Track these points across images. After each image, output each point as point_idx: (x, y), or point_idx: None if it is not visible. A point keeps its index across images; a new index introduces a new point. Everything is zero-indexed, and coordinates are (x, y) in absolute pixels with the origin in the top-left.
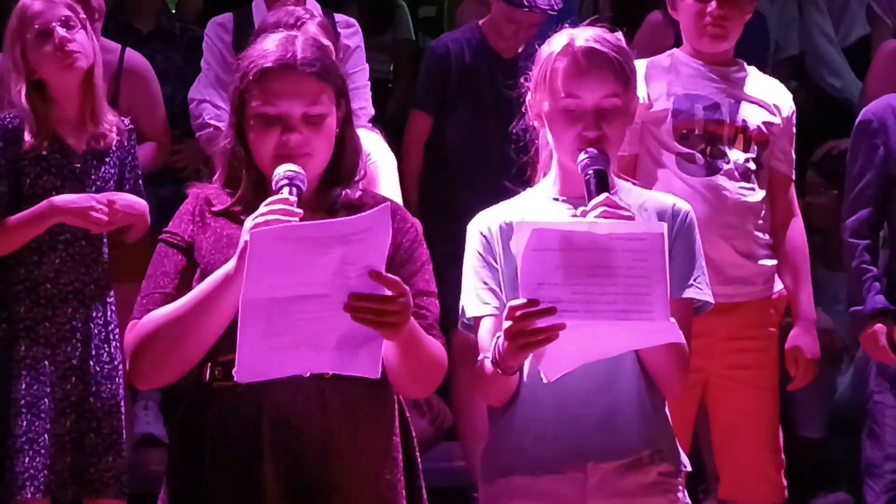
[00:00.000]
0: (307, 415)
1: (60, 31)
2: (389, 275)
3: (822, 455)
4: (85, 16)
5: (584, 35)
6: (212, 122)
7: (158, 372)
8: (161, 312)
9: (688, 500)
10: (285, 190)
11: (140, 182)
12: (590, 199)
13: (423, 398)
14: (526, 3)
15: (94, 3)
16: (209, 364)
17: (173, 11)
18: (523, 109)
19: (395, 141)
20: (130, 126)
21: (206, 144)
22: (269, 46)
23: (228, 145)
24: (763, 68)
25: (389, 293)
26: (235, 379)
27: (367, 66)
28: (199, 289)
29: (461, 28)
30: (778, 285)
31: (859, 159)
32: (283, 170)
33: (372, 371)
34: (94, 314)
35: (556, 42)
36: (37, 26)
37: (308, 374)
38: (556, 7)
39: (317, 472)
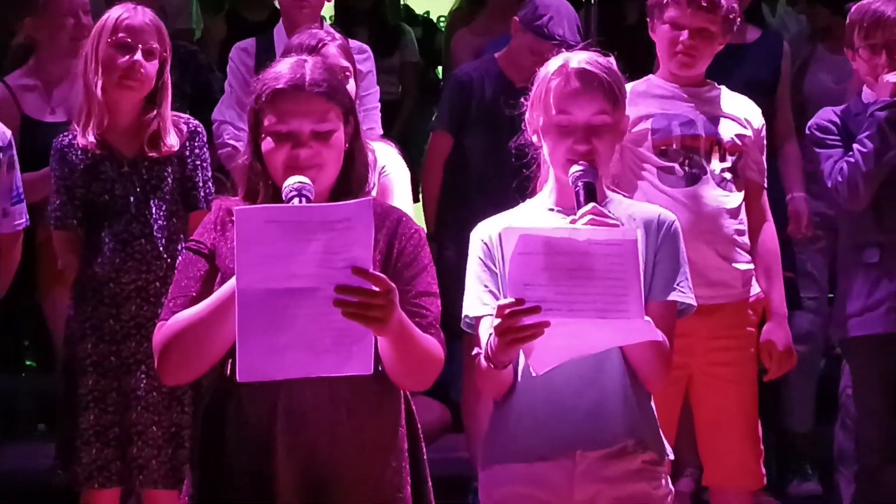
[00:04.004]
0: (317, 407)
1: (139, 55)
2: (374, 272)
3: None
4: (168, 52)
5: (578, 58)
6: (230, 141)
7: (184, 369)
8: (186, 314)
9: (671, 486)
10: (294, 200)
11: (210, 184)
12: (579, 208)
13: (422, 391)
14: (557, 37)
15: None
16: (230, 360)
17: (198, 37)
18: (523, 126)
19: (405, 156)
20: (193, 128)
21: (226, 161)
22: (281, 70)
23: (247, 161)
24: (771, 96)
25: (375, 288)
26: (238, 379)
27: (377, 88)
28: (219, 293)
29: (481, 59)
30: (755, 288)
31: None
32: (292, 181)
33: (364, 368)
34: (157, 310)
35: (553, 64)
36: (122, 37)
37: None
38: (578, 41)
39: (326, 460)
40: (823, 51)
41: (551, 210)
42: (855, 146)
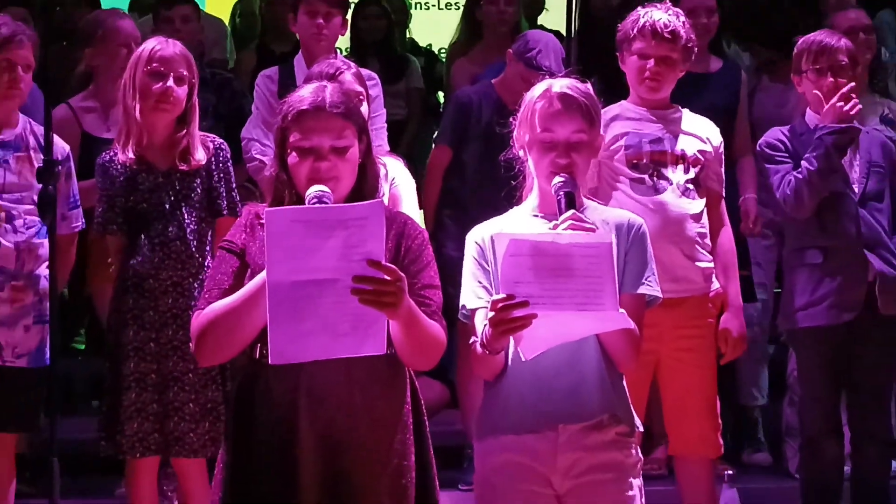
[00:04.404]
0: (335, 386)
1: (171, 82)
2: (386, 263)
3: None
4: (196, 78)
5: (560, 83)
6: (258, 156)
7: (217, 352)
8: (219, 304)
9: (640, 455)
10: (316, 205)
11: (233, 193)
12: (560, 214)
13: (427, 370)
14: (544, 68)
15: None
16: (258, 345)
17: (231, 66)
18: (511, 142)
19: (410, 168)
20: (218, 146)
21: (254, 173)
22: (304, 94)
23: (274, 172)
24: (731, 117)
25: (387, 278)
26: (269, 362)
27: (384, 111)
28: (249, 285)
29: (480, 84)
30: (715, 284)
31: None
32: (313, 190)
33: (378, 349)
34: (191, 302)
35: (537, 88)
36: (156, 67)
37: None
38: (563, 70)
39: (343, 432)
40: (767, 81)
41: (535, 216)
42: (803, 163)
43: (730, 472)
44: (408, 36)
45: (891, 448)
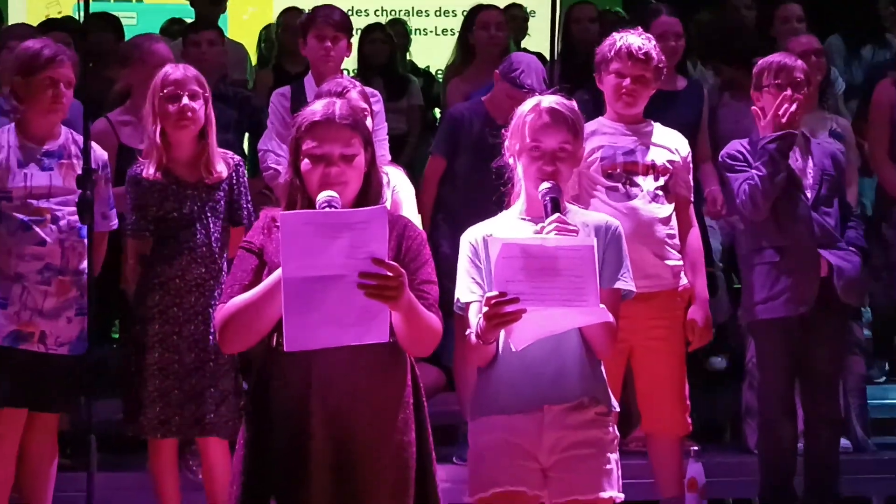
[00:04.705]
0: (343, 371)
1: (185, 100)
2: (388, 261)
3: None
4: (208, 93)
5: (549, 99)
6: (273, 165)
7: (238, 341)
8: (240, 299)
9: (616, 433)
10: (326, 209)
11: (249, 205)
12: (546, 217)
13: (425, 356)
14: (526, 86)
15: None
16: (275, 334)
17: (252, 88)
18: (502, 151)
19: (410, 177)
20: (237, 163)
21: (269, 180)
22: (316, 107)
23: (288, 178)
24: (696, 130)
25: (389, 274)
26: (284, 349)
27: (386, 125)
28: (265, 282)
29: (470, 101)
30: (683, 280)
31: None
32: (323, 195)
33: (381, 337)
34: (212, 301)
35: (528, 103)
36: (171, 90)
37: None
38: (543, 88)
39: (350, 412)
40: (728, 98)
41: (522, 219)
42: (753, 172)
43: (695, 448)
44: (408, 58)
45: (839, 427)
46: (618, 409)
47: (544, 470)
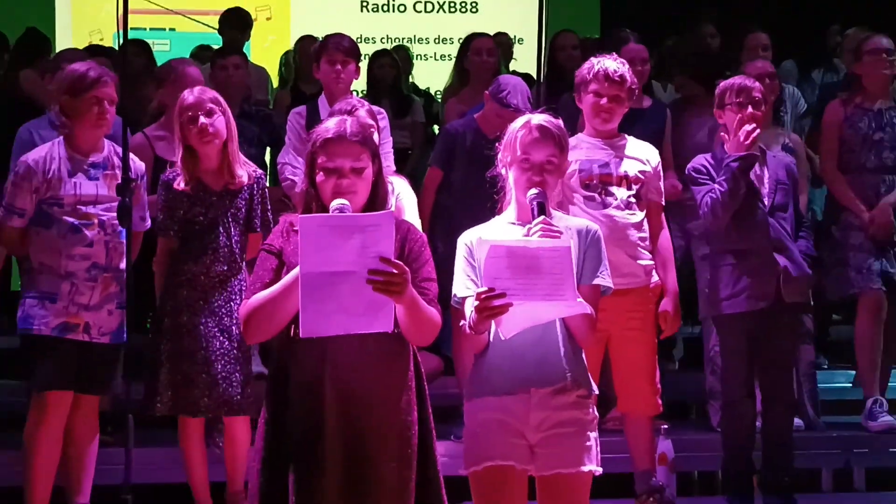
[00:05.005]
0: (353, 358)
1: (203, 119)
2: (394, 259)
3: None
4: (225, 106)
5: (538, 117)
6: (290, 176)
7: (260, 332)
8: (262, 295)
9: (596, 413)
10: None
11: (269, 213)
12: (533, 220)
13: (426, 345)
14: (512, 105)
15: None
16: (292, 326)
17: (272, 106)
18: (496, 162)
19: (413, 186)
20: (259, 176)
21: (287, 190)
22: (329, 125)
23: (304, 188)
24: (659, 143)
25: (394, 271)
26: (300, 335)
27: (391, 139)
28: (284, 280)
29: (464, 118)
30: (654, 278)
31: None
32: (336, 203)
33: (387, 327)
34: (233, 297)
35: (520, 120)
36: (189, 114)
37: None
38: (528, 107)
39: (359, 394)
40: (689, 116)
41: (512, 223)
42: (715, 186)
43: (665, 426)
44: (411, 81)
45: (793, 408)
46: (597, 392)
47: (531, 446)
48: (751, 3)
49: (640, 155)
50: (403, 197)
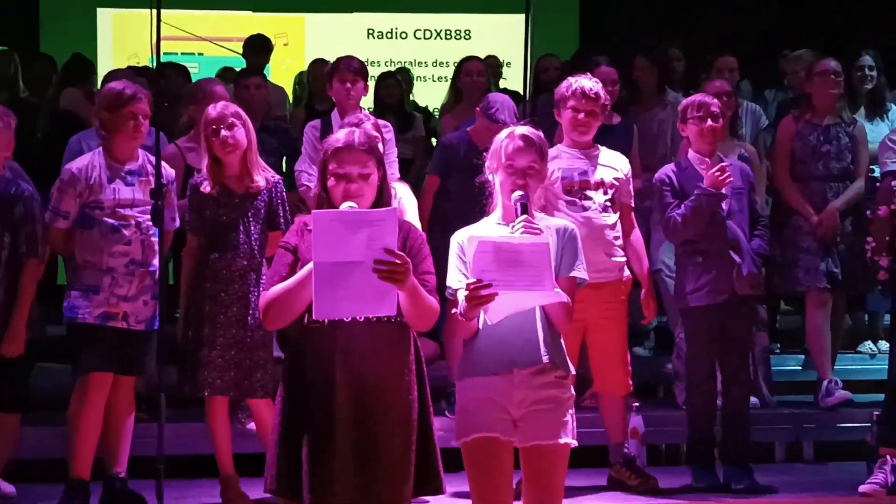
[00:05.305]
0: (361, 343)
1: (224, 132)
2: (398, 251)
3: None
4: (245, 119)
5: (520, 129)
6: (306, 182)
7: (278, 320)
8: (279, 287)
9: (573, 392)
10: None
11: (288, 213)
12: (517, 218)
13: (425, 331)
14: (500, 120)
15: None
16: (306, 315)
17: (289, 121)
18: (484, 169)
19: (415, 192)
20: (276, 181)
21: (303, 195)
22: (340, 136)
23: (317, 192)
24: (629, 153)
25: (397, 261)
26: (313, 318)
27: (396, 149)
28: (298, 274)
29: (459, 131)
30: (626, 273)
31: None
32: (345, 205)
33: (390, 311)
34: (251, 287)
35: (505, 132)
36: (213, 127)
37: (360, 318)
38: (515, 122)
39: (366, 375)
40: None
41: (499, 224)
42: (681, 209)
43: (636, 404)
44: (412, 99)
45: (749, 388)
46: (574, 374)
47: (514, 421)
48: (714, 31)
49: (613, 163)
50: (404, 201)
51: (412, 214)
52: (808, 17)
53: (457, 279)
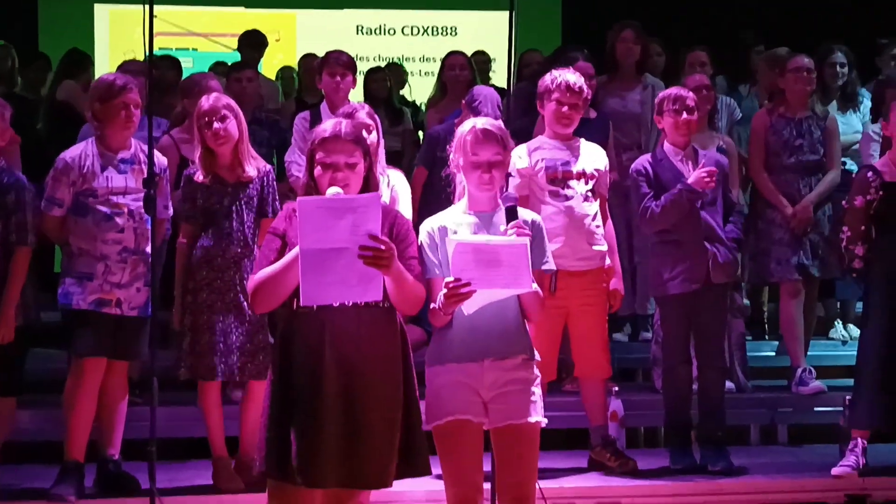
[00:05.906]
0: (349, 327)
1: (216, 124)
2: (382, 237)
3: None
4: (237, 110)
5: (481, 122)
6: (295, 172)
7: (266, 304)
8: (267, 270)
9: (538, 373)
10: None
11: (277, 202)
12: (509, 221)
13: (412, 315)
14: (483, 114)
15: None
16: (294, 300)
17: (279, 115)
18: (449, 162)
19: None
20: (267, 170)
21: (293, 184)
22: (326, 126)
23: (304, 181)
24: (606, 144)
25: (382, 247)
26: (301, 304)
27: (383, 140)
28: (285, 258)
29: (444, 124)
30: (607, 261)
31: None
32: (331, 191)
33: (376, 296)
34: (246, 275)
35: (466, 125)
36: (206, 119)
37: (347, 303)
38: (498, 115)
39: (354, 359)
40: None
41: (466, 213)
42: (661, 201)
43: (616, 388)
44: (401, 94)
45: (725, 373)
46: (539, 359)
47: (485, 402)
48: (691, 27)
49: (592, 154)
50: (399, 188)
51: (406, 201)
52: (780, 13)
53: (427, 267)
